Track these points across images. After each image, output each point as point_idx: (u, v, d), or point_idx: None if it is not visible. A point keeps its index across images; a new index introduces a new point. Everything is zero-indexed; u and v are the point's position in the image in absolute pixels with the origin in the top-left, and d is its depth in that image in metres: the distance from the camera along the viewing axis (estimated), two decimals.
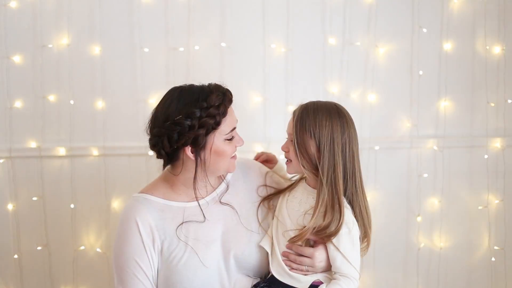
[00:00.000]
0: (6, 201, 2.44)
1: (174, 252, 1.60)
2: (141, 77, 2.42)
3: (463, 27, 2.54)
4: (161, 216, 1.62)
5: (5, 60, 2.38)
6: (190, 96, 1.57)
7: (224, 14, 2.43)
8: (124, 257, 1.59)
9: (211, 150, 1.58)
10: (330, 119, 1.58)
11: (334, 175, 1.57)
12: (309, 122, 1.58)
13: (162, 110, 1.59)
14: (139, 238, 1.58)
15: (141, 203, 1.63)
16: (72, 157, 2.43)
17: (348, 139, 1.59)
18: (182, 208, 1.65)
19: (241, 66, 2.45)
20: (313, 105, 1.62)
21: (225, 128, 1.58)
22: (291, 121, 1.64)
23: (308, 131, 1.58)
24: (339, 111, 1.63)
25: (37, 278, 2.48)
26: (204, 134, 1.55)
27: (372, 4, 2.49)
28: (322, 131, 1.57)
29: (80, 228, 2.47)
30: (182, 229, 1.62)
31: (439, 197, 2.59)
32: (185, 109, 1.54)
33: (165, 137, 1.56)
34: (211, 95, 1.56)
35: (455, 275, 2.65)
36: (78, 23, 2.39)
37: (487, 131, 2.59)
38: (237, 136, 1.65)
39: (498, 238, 2.63)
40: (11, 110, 2.41)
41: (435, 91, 2.56)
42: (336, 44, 2.48)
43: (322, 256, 1.60)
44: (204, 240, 1.63)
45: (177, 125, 1.54)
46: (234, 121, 1.62)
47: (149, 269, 1.59)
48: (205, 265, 1.60)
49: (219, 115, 1.55)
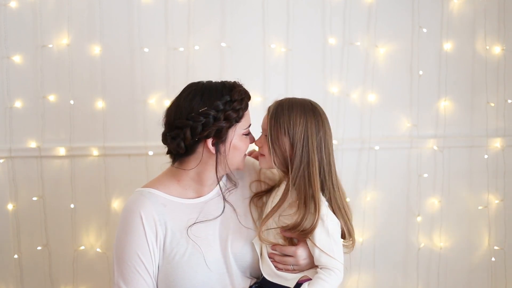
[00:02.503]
0: (6, 201, 2.44)
1: (176, 248, 1.60)
2: (141, 77, 2.42)
3: (463, 27, 2.54)
4: (164, 211, 1.62)
5: (5, 60, 2.38)
6: (214, 90, 1.61)
7: (224, 14, 2.43)
8: (126, 250, 1.58)
9: (230, 144, 1.62)
10: (304, 117, 1.59)
11: (308, 172, 1.57)
12: (283, 119, 1.59)
13: (185, 103, 1.60)
14: (143, 232, 1.58)
15: (146, 197, 1.63)
16: (72, 157, 2.43)
17: (324, 137, 1.60)
18: (186, 205, 1.66)
19: (241, 66, 2.45)
20: (288, 102, 1.62)
21: (244, 123, 1.64)
22: (266, 117, 1.65)
23: (282, 128, 1.58)
24: (314, 108, 1.62)
25: (37, 278, 2.48)
26: (227, 127, 1.59)
27: (372, 4, 2.49)
28: (296, 129, 1.58)
29: (80, 228, 2.47)
30: (187, 227, 1.62)
31: (439, 197, 2.59)
32: (210, 101, 1.58)
33: (188, 129, 1.58)
34: (234, 90, 1.62)
35: (455, 275, 2.65)
36: (78, 23, 2.39)
37: (487, 131, 2.59)
38: (251, 133, 1.70)
39: (498, 238, 2.63)
40: (11, 110, 2.41)
41: (435, 91, 2.56)
42: (336, 44, 2.48)
43: (305, 253, 1.60)
44: (205, 237, 1.63)
45: (203, 116, 1.57)
46: (250, 118, 1.69)
47: (150, 264, 1.59)
48: (207, 262, 1.60)
49: (242, 109, 1.61)
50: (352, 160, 2.52)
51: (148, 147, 2.41)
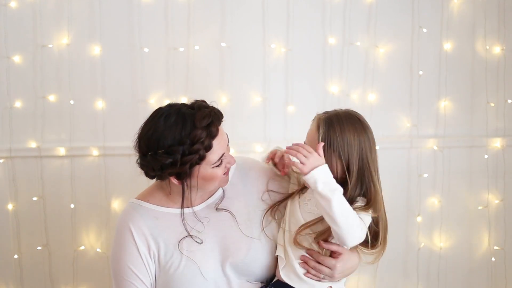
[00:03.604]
0: (6, 201, 2.44)
1: (170, 260, 1.57)
2: (141, 77, 2.42)
3: (463, 27, 2.54)
4: (156, 224, 1.59)
5: (5, 60, 2.38)
6: (173, 129, 1.46)
7: (224, 14, 2.43)
8: (119, 264, 1.57)
9: (197, 178, 1.52)
10: (357, 136, 1.52)
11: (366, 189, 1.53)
12: (337, 142, 1.49)
13: (145, 139, 1.51)
14: (134, 245, 1.56)
15: (136, 210, 1.60)
16: (72, 157, 2.43)
17: (375, 154, 1.56)
18: (178, 215, 1.61)
19: (241, 66, 2.45)
20: (337, 120, 1.52)
21: (212, 158, 1.50)
22: (313, 134, 1.54)
23: (336, 151, 1.50)
24: (363, 124, 1.55)
25: (37, 278, 2.48)
26: (188, 168, 1.48)
27: (372, 4, 2.49)
28: (351, 151, 1.50)
29: (80, 228, 2.47)
30: (180, 239, 1.58)
31: (439, 197, 2.59)
32: (167, 143, 1.46)
33: (149, 167, 1.52)
34: (195, 130, 1.45)
35: (455, 275, 2.65)
36: (78, 23, 2.39)
37: (487, 131, 2.59)
38: (228, 157, 1.57)
39: (498, 238, 2.63)
40: (11, 110, 2.41)
41: (435, 91, 2.56)
42: (336, 44, 2.48)
43: (343, 267, 1.55)
44: (200, 248, 1.59)
45: (158, 160, 1.47)
46: (223, 148, 1.53)
47: (146, 276, 1.57)
48: (202, 273, 1.56)
49: (204, 150, 1.47)
50: None
51: None
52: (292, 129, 2.49)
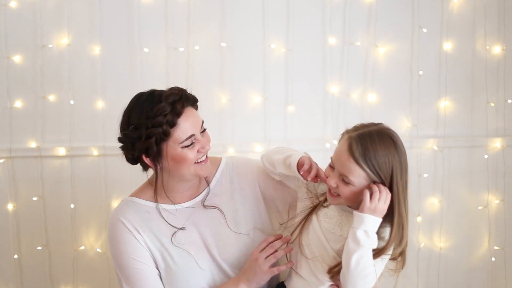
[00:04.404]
0: (6, 201, 2.44)
1: (165, 252, 1.60)
2: (141, 77, 2.42)
3: (463, 27, 2.54)
4: (148, 217, 1.62)
5: (5, 60, 2.38)
6: (142, 105, 1.53)
7: (224, 14, 2.43)
8: (122, 258, 1.59)
9: (167, 158, 1.54)
10: (391, 158, 1.41)
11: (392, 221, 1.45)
12: (370, 168, 1.40)
13: (122, 119, 1.58)
14: (130, 235, 1.59)
15: (128, 205, 1.64)
16: (72, 157, 2.43)
17: (406, 176, 1.45)
18: (170, 210, 1.64)
19: (241, 66, 2.45)
20: (370, 142, 1.41)
21: (179, 135, 1.52)
22: (345, 157, 1.42)
23: (368, 175, 1.41)
24: (396, 145, 1.44)
25: (37, 278, 2.48)
26: (154, 144, 1.51)
27: (372, 4, 2.49)
28: (385, 174, 1.41)
29: (80, 228, 2.47)
30: (173, 232, 1.61)
31: (439, 197, 2.59)
32: (135, 119, 1.52)
33: (124, 146, 1.57)
34: (160, 104, 1.50)
35: (455, 275, 2.65)
36: (78, 23, 2.39)
37: (487, 131, 2.59)
38: (201, 141, 1.57)
39: (498, 238, 2.63)
40: (11, 110, 2.41)
41: (435, 91, 2.56)
42: (336, 44, 2.48)
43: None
44: (194, 242, 1.62)
45: (128, 136, 1.53)
46: (193, 128, 1.54)
47: (150, 260, 1.60)
48: (198, 264, 1.60)
49: (167, 124, 1.49)
50: None
51: None
52: (292, 129, 2.49)
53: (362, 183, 1.42)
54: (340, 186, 1.44)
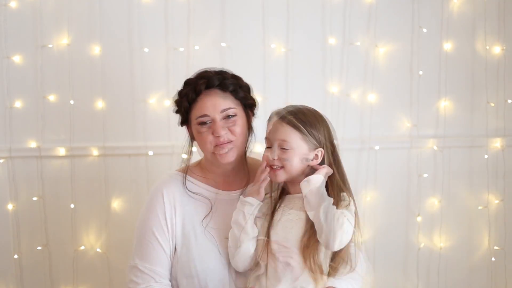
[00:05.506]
0: (6, 201, 2.44)
1: (192, 229, 1.65)
2: (141, 77, 2.42)
3: (463, 27, 2.54)
4: (187, 197, 1.68)
5: (5, 60, 2.38)
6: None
7: (224, 14, 2.43)
8: (144, 226, 1.66)
9: (193, 130, 1.68)
10: (322, 123, 1.59)
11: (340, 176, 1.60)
12: (303, 125, 1.56)
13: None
14: (162, 209, 1.65)
15: (173, 178, 1.71)
16: (72, 157, 2.43)
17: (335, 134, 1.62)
18: (210, 194, 1.71)
19: (241, 66, 2.42)
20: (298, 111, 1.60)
21: (196, 111, 1.65)
22: (279, 124, 1.58)
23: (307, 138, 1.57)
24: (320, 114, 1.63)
25: (37, 278, 2.48)
26: (183, 112, 1.68)
27: (372, 4, 2.49)
28: (321, 137, 1.58)
29: (80, 228, 2.47)
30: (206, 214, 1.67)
31: (439, 197, 2.59)
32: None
33: (175, 110, 1.73)
34: (192, 79, 1.70)
35: (455, 275, 2.65)
36: (78, 23, 2.39)
37: (487, 131, 2.59)
38: (216, 125, 1.63)
39: (498, 238, 2.63)
40: (11, 110, 2.41)
41: (435, 91, 2.56)
42: (336, 44, 2.48)
43: None
44: (220, 231, 1.66)
45: (174, 100, 1.73)
46: (208, 108, 1.63)
47: (166, 242, 1.64)
48: (219, 250, 1.64)
49: (187, 96, 1.66)
50: (352, 160, 2.52)
51: (148, 147, 2.41)
52: None
53: (300, 146, 1.55)
54: (281, 156, 1.56)
